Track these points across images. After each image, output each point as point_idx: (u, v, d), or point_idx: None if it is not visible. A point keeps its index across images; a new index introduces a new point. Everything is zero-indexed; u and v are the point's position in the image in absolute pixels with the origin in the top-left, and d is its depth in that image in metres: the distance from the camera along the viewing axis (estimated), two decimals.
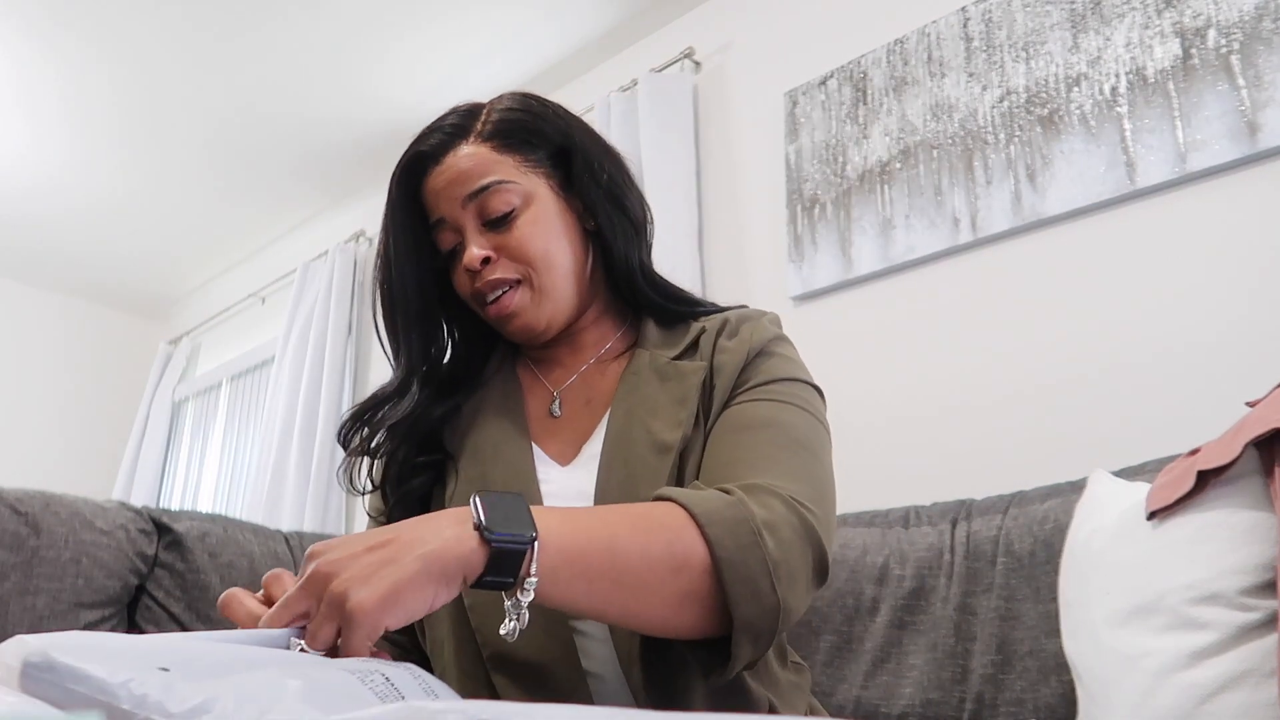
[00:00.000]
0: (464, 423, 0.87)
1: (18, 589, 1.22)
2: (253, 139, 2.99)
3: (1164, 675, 0.79)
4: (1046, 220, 1.57)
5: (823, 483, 0.74)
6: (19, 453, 3.75)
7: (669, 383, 0.82)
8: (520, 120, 0.86)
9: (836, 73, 1.95)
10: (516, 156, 0.85)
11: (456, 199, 0.83)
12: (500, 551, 0.56)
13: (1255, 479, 0.81)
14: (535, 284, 0.84)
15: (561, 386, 0.89)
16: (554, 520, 0.59)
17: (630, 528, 0.62)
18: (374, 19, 2.44)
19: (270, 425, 3.08)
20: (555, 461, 0.83)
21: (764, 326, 0.86)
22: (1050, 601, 1.07)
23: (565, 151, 0.87)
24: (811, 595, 0.71)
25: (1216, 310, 1.36)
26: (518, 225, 0.83)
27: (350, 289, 3.12)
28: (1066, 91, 1.58)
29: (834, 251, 1.86)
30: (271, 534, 1.58)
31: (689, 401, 0.79)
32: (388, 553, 0.54)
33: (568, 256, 0.86)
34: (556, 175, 0.87)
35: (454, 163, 0.84)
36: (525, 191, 0.84)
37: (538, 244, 0.83)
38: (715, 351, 0.83)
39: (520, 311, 0.84)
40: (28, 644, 0.37)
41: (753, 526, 0.64)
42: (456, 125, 0.86)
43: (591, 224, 0.88)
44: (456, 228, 0.84)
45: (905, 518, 1.33)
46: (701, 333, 0.86)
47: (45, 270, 3.91)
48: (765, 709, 0.75)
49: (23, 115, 2.85)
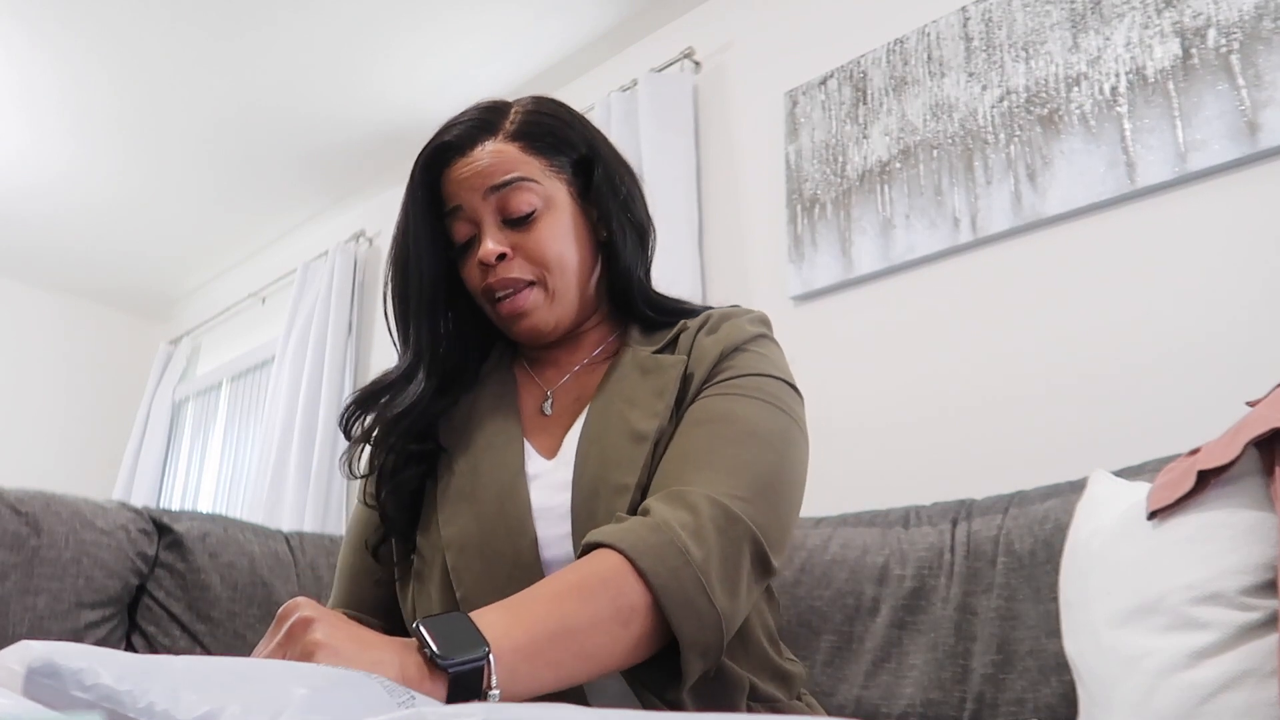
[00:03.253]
0: (459, 417, 0.88)
1: (18, 589, 1.22)
2: (253, 139, 2.99)
3: (1164, 675, 0.79)
4: (1046, 220, 1.57)
5: (769, 473, 0.74)
6: (19, 453, 3.75)
7: (649, 375, 0.83)
8: (548, 124, 0.87)
9: (836, 73, 1.95)
10: (542, 159, 0.85)
11: (478, 190, 0.83)
12: (458, 676, 0.56)
13: (1256, 479, 0.81)
14: (549, 286, 0.85)
15: (555, 386, 0.90)
16: (502, 624, 0.60)
17: (577, 600, 0.64)
18: (374, 19, 2.44)
19: (270, 425, 3.08)
20: (542, 456, 0.84)
21: (742, 325, 0.87)
22: (1050, 601, 1.07)
23: (588, 161, 0.88)
24: (757, 590, 0.73)
25: (1217, 310, 1.36)
26: (537, 227, 0.84)
27: (350, 289, 3.12)
28: (1066, 91, 1.58)
29: (834, 251, 1.86)
30: (272, 534, 1.58)
31: (666, 393, 0.80)
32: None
33: (579, 263, 0.87)
34: (576, 183, 0.88)
35: (480, 155, 0.84)
36: (547, 194, 0.85)
37: (554, 247, 0.84)
38: (694, 346, 0.84)
39: (531, 312, 0.85)
40: (32, 649, 0.37)
41: (679, 546, 0.66)
42: (483, 120, 0.86)
43: (603, 234, 0.89)
44: (474, 219, 0.85)
45: (905, 518, 1.33)
46: (683, 329, 0.87)
47: (45, 270, 3.91)
48: (745, 687, 0.76)
49: (23, 115, 2.85)
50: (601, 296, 0.92)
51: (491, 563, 0.77)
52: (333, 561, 1.58)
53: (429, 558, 0.81)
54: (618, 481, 0.76)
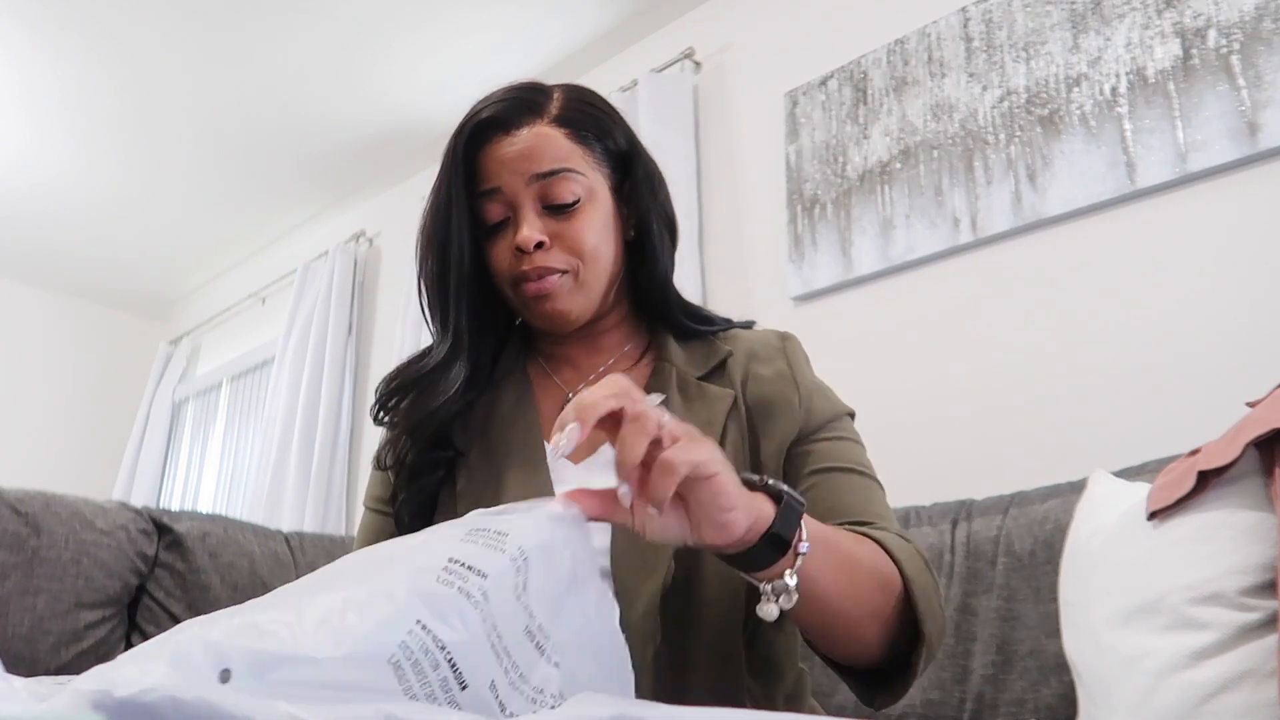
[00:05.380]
0: (476, 421, 0.85)
1: (18, 589, 1.22)
2: (253, 139, 2.99)
3: (1164, 675, 0.79)
4: (1047, 220, 1.57)
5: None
6: (19, 453, 3.75)
7: (694, 403, 0.82)
8: (592, 114, 0.85)
9: (837, 73, 1.95)
10: (586, 149, 0.84)
11: (523, 174, 0.81)
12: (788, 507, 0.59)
13: (1255, 479, 0.81)
14: (580, 277, 0.83)
15: (576, 387, 0.88)
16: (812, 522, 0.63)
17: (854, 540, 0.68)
18: (375, 20, 2.44)
19: (270, 425, 3.08)
20: (568, 460, 0.81)
21: (802, 358, 0.88)
22: (1050, 601, 1.07)
23: (627, 157, 0.87)
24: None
25: (1217, 310, 1.36)
26: (578, 217, 0.82)
27: (350, 289, 3.12)
28: (1067, 92, 1.58)
29: (834, 252, 1.86)
30: (271, 534, 1.58)
31: (715, 425, 0.80)
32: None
33: (610, 257, 0.85)
34: (614, 178, 0.87)
35: (528, 137, 0.81)
36: (590, 186, 0.83)
37: (592, 239, 0.82)
38: (748, 379, 0.84)
39: (559, 297, 0.82)
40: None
41: (922, 555, 0.71)
42: (526, 99, 0.83)
43: (630, 233, 0.88)
44: (512, 203, 0.82)
45: (905, 518, 1.33)
46: (728, 356, 0.86)
47: (46, 270, 3.91)
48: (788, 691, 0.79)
49: (24, 116, 2.85)
50: (621, 296, 0.91)
51: None
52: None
53: None
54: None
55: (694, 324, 0.90)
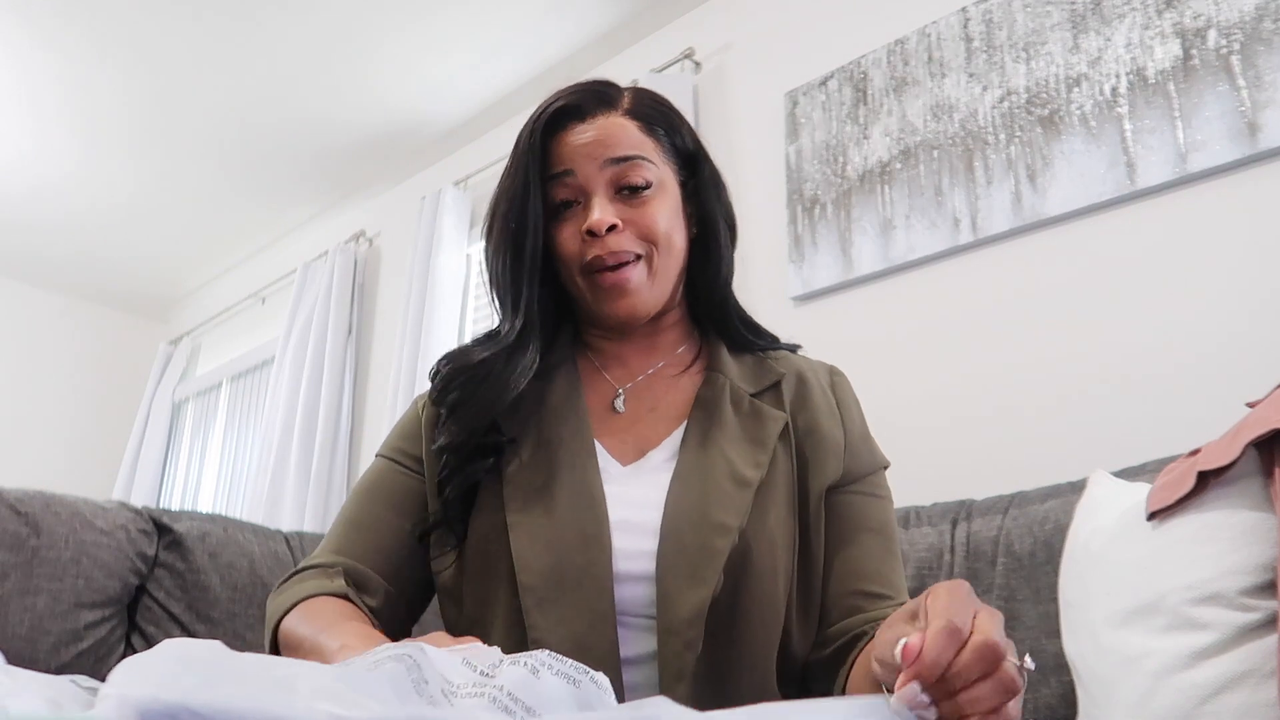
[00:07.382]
0: (526, 410, 0.84)
1: (18, 589, 1.22)
2: (254, 139, 2.99)
3: (1164, 676, 0.79)
4: (1047, 220, 1.57)
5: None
6: (19, 453, 3.75)
7: (746, 420, 0.83)
8: (664, 113, 0.87)
9: (837, 73, 1.95)
10: (657, 143, 0.85)
11: (597, 159, 0.82)
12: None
13: (1255, 479, 0.81)
14: (654, 264, 0.83)
15: (626, 384, 0.88)
16: None
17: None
18: (374, 20, 2.44)
19: (270, 425, 3.08)
20: (615, 459, 0.82)
21: (852, 399, 0.90)
22: (1050, 602, 1.07)
23: (694, 157, 0.89)
24: None
25: (1217, 310, 1.36)
26: (651, 202, 0.83)
27: (350, 289, 3.12)
28: (1067, 92, 1.58)
29: (834, 252, 1.86)
30: (271, 534, 1.58)
31: (767, 446, 0.81)
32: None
33: (681, 248, 0.86)
34: (681, 175, 0.88)
35: (603, 124, 0.83)
36: (660, 176, 0.84)
37: (664, 224, 0.83)
38: (799, 408, 0.85)
39: (637, 290, 0.83)
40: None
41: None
42: (599, 93, 0.85)
43: (694, 231, 0.89)
44: (584, 187, 0.82)
45: (905, 518, 1.33)
46: (781, 378, 0.87)
47: (46, 270, 3.92)
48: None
49: (26, 118, 2.86)
50: (679, 296, 0.91)
51: (562, 562, 0.75)
52: None
53: (493, 550, 0.78)
54: (718, 520, 0.75)
55: (749, 335, 0.91)
